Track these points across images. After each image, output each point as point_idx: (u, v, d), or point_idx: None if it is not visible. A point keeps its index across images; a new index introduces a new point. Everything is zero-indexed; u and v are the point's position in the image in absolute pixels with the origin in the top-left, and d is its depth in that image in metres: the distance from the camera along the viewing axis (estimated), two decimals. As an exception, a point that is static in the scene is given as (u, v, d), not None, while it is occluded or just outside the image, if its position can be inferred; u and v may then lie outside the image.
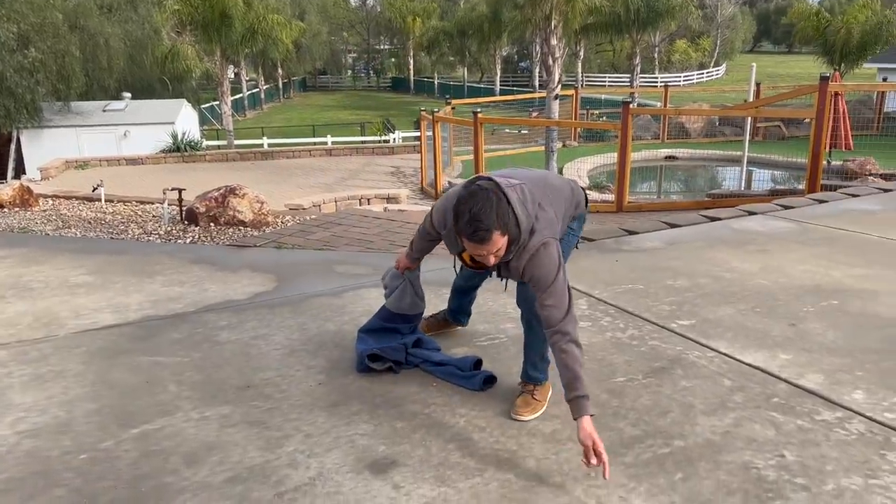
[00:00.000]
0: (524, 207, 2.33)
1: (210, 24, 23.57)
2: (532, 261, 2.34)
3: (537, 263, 2.34)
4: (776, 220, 5.40)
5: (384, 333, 3.02)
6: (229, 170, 16.07)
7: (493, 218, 2.19)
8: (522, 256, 2.35)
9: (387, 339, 2.99)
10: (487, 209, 2.19)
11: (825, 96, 8.16)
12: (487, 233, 2.19)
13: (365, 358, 2.91)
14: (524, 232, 2.31)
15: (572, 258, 4.43)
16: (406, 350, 2.96)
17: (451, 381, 2.81)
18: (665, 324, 3.36)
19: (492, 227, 2.19)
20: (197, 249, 5.33)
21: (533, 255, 2.34)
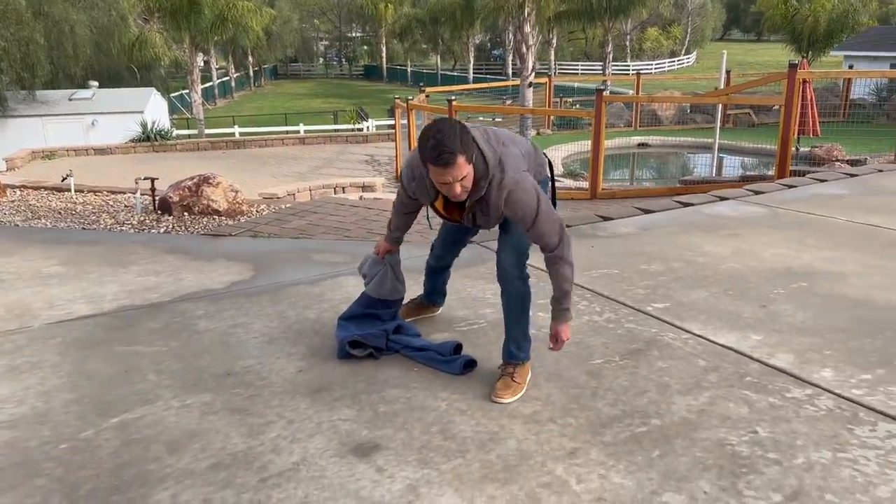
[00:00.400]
0: (488, 145, 2.43)
1: (179, 10, 23.22)
2: (511, 197, 2.41)
3: (516, 199, 2.41)
4: (747, 205, 5.50)
5: (365, 319, 3.05)
6: (201, 159, 15.88)
7: (457, 143, 2.27)
8: (501, 194, 2.41)
9: (367, 325, 3.02)
10: (451, 135, 2.28)
11: (794, 84, 8.30)
12: (451, 155, 2.27)
13: (346, 345, 2.94)
14: (492, 166, 2.39)
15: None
16: (387, 336, 2.98)
17: (432, 365, 2.84)
18: (640, 307, 3.42)
19: (455, 150, 2.27)
20: (171, 239, 5.28)
21: (511, 191, 2.40)
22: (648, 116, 19.62)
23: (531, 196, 2.41)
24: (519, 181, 2.42)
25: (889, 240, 4.49)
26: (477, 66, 52.93)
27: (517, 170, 2.44)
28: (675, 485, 2.04)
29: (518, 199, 2.41)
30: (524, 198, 2.41)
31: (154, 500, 2.06)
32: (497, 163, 2.41)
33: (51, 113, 19.86)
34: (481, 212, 2.53)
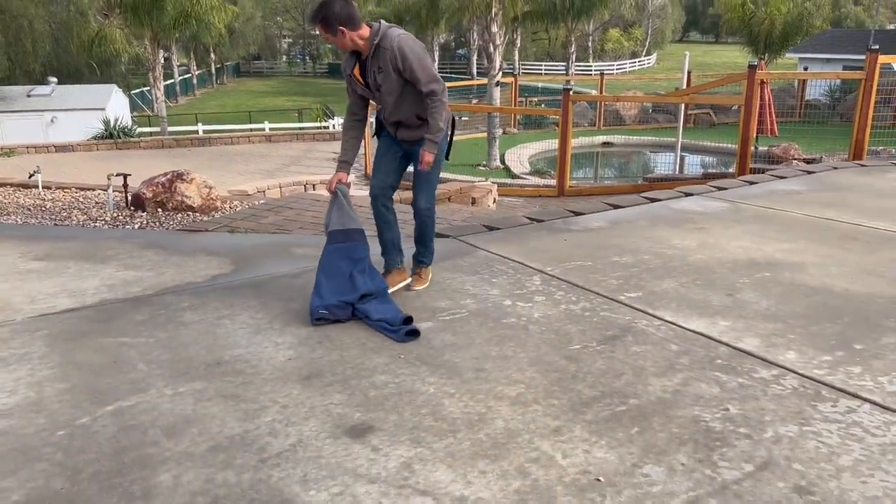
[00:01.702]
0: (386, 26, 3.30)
1: (140, 6, 22.81)
2: (400, 43, 3.23)
3: (404, 44, 3.24)
4: (711, 200, 5.71)
5: (336, 272, 3.39)
6: (166, 157, 15.70)
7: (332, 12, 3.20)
8: (392, 43, 3.24)
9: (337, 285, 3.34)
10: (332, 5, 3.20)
11: (753, 84, 8.58)
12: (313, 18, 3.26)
13: (316, 313, 3.27)
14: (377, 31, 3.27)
15: (523, 239, 4.60)
16: (352, 307, 3.31)
17: (382, 333, 3.16)
18: (614, 296, 3.57)
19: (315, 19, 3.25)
20: (147, 235, 5.29)
21: (399, 41, 3.24)
22: (612, 116, 19.98)
23: (417, 47, 3.28)
24: (404, 36, 3.27)
25: (844, 232, 4.73)
26: (441, 64, 53.02)
27: (405, 34, 3.29)
28: (655, 458, 2.18)
29: (406, 44, 3.24)
30: (411, 44, 3.26)
31: (156, 481, 2.13)
32: (385, 29, 3.28)
33: (8, 109, 19.43)
34: (379, 69, 3.32)
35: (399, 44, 3.24)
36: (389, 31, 3.29)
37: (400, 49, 3.24)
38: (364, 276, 3.40)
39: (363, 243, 3.48)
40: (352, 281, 3.35)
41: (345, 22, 3.23)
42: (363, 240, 3.49)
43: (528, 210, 9.11)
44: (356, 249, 3.45)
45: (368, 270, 3.46)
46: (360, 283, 3.36)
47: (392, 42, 3.25)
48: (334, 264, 3.40)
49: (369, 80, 3.40)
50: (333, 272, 3.37)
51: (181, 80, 45.79)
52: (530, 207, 9.57)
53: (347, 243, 3.43)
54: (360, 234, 3.49)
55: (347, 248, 3.42)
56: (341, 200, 3.47)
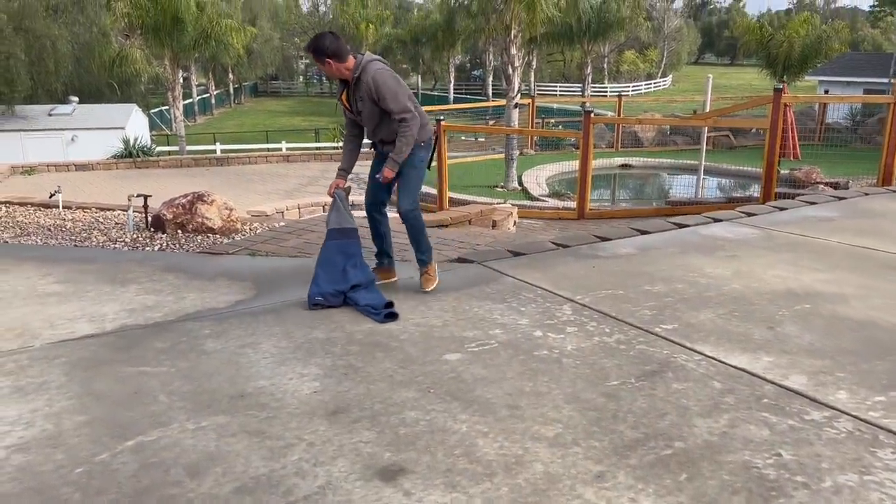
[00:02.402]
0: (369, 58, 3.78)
1: (161, 27, 23.10)
2: (376, 77, 3.70)
3: (379, 75, 3.70)
4: (741, 226, 5.57)
5: (333, 264, 3.88)
6: (185, 176, 15.77)
7: (314, 45, 3.73)
8: (368, 77, 3.71)
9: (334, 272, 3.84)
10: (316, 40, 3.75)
11: (779, 107, 8.46)
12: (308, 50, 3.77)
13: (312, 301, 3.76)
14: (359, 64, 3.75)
15: (550, 265, 4.49)
16: (344, 295, 3.78)
17: (367, 315, 3.63)
18: (649, 328, 3.44)
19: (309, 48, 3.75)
20: (167, 257, 5.22)
21: (374, 73, 3.70)
22: (630, 138, 19.87)
23: (392, 80, 3.73)
24: (380, 70, 3.73)
25: (884, 262, 4.58)
26: (457, 85, 53.32)
27: (381, 68, 3.74)
28: (706, 508, 2.05)
29: (380, 78, 3.70)
30: (386, 79, 3.71)
31: (179, 525, 2.02)
32: (367, 62, 3.75)
33: (30, 128, 19.63)
34: (359, 97, 3.81)
35: (374, 77, 3.72)
36: (369, 64, 3.77)
37: (375, 82, 3.73)
38: (355, 270, 3.89)
39: (356, 241, 3.99)
40: (344, 273, 3.84)
41: (332, 55, 3.74)
42: (356, 238, 4.00)
43: (548, 233, 9.00)
44: (350, 246, 3.96)
45: (360, 265, 3.94)
46: (352, 275, 3.84)
47: (368, 76, 3.73)
48: (331, 258, 3.90)
49: (353, 106, 3.93)
50: (329, 265, 3.88)
51: (199, 99, 46.32)
52: (551, 230, 9.46)
53: (342, 240, 3.94)
54: (354, 232, 4.01)
55: (342, 245, 3.93)
56: (339, 203, 4.00)
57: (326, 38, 3.76)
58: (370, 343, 3.33)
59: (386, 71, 3.77)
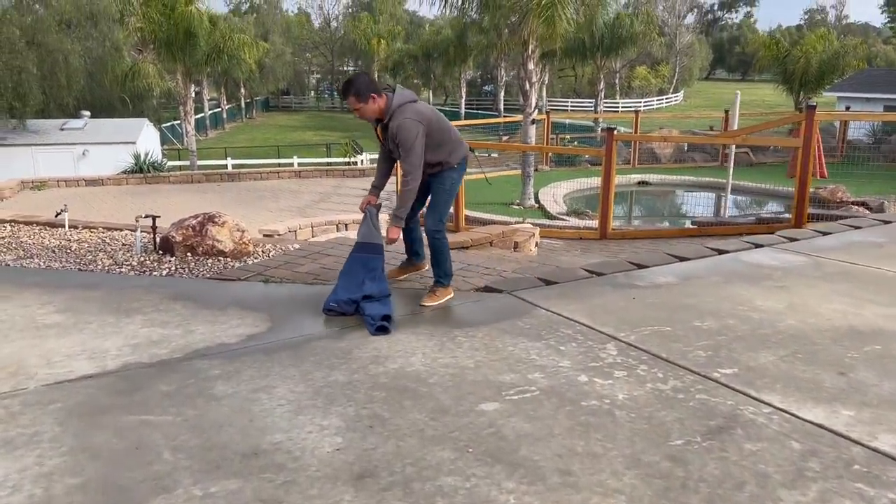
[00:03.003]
0: (400, 98, 3.86)
1: (174, 42, 23.04)
2: (398, 129, 3.81)
3: (401, 131, 3.81)
4: (785, 252, 5.23)
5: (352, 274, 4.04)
6: (195, 192, 15.54)
7: (352, 88, 3.83)
8: (394, 122, 3.83)
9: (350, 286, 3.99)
10: (352, 82, 3.86)
11: (812, 125, 8.12)
12: (344, 93, 3.87)
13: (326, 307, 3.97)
14: (392, 108, 3.84)
15: (585, 295, 4.16)
16: (357, 304, 3.91)
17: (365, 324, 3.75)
18: (706, 373, 3.10)
19: (348, 91, 3.84)
20: (176, 283, 4.93)
21: (399, 125, 3.80)
22: (647, 154, 19.54)
23: (411, 135, 3.79)
24: (405, 122, 3.80)
25: (948, 295, 4.22)
26: (468, 101, 53.17)
27: (412, 118, 3.80)
28: None
29: (402, 131, 3.80)
30: (405, 134, 3.80)
31: None
32: (398, 106, 3.82)
33: (41, 142, 19.50)
34: (388, 137, 3.95)
35: (398, 127, 3.84)
36: (399, 111, 3.86)
37: (397, 132, 3.85)
38: (372, 283, 3.99)
39: (380, 256, 4.12)
40: (362, 285, 3.97)
41: (365, 96, 3.84)
42: (380, 254, 4.13)
43: (571, 254, 8.67)
44: (372, 260, 4.08)
45: (378, 278, 4.04)
46: (367, 286, 3.97)
47: (395, 123, 3.86)
48: (352, 269, 4.04)
49: (386, 143, 4.07)
50: (350, 275, 4.03)
51: (211, 113, 46.35)
52: (573, 251, 9.13)
53: (366, 255, 4.07)
54: (380, 248, 4.14)
55: (365, 259, 4.06)
56: (369, 219, 4.18)
57: (360, 79, 3.89)
58: (396, 388, 3.01)
59: (413, 124, 3.83)
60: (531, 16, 10.96)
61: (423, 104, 4.02)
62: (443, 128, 4.03)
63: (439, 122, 4.02)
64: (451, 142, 4.09)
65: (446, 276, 4.21)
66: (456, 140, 4.13)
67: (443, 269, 4.19)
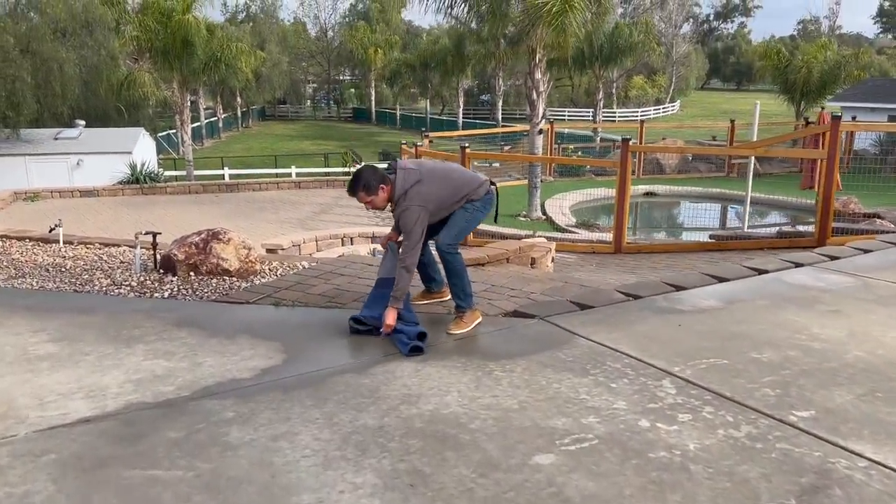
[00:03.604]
0: (403, 183, 3.81)
1: (171, 50, 22.74)
2: (402, 214, 3.82)
3: (404, 216, 3.81)
4: (829, 273, 4.91)
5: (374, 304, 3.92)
6: (193, 203, 15.19)
7: (359, 184, 3.80)
8: (399, 209, 3.83)
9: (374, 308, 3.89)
10: (357, 179, 3.82)
11: (837, 136, 7.84)
12: (352, 191, 3.83)
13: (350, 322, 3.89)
14: (397, 195, 3.81)
15: (625, 321, 3.82)
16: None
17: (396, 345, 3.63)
18: (781, 415, 2.77)
19: (355, 189, 3.81)
20: (179, 307, 4.58)
21: (403, 210, 3.81)
22: (651, 165, 19.28)
23: (412, 220, 3.78)
24: (408, 208, 3.79)
25: None
26: (465, 110, 52.95)
27: (414, 203, 3.78)
28: None
29: (405, 216, 3.80)
30: (407, 218, 3.79)
31: None
32: (403, 193, 3.80)
33: (35, 152, 19.11)
34: (395, 217, 3.96)
35: (401, 214, 3.83)
36: (403, 196, 3.81)
37: (401, 217, 3.85)
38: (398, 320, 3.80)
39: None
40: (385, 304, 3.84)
41: (372, 190, 3.80)
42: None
43: (587, 270, 8.36)
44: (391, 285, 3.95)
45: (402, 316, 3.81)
46: None
47: (398, 211, 3.87)
48: (378, 301, 3.92)
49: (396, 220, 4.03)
50: (374, 303, 3.94)
51: (207, 123, 45.99)
52: (587, 266, 8.81)
53: (389, 290, 3.87)
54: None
55: (388, 295, 3.85)
56: (390, 253, 4.09)
57: (366, 174, 3.84)
58: (434, 435, 2.67)
59: (414, 210, 3.79)
60: (541, 24, 10.69)
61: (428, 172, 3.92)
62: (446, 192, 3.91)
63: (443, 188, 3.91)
64: (464, 188, 3.97)
65: (467, 297, 3.98)
66: (472, 185, 4.00)
67: (460, 288, 3.97)
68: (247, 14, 62.30)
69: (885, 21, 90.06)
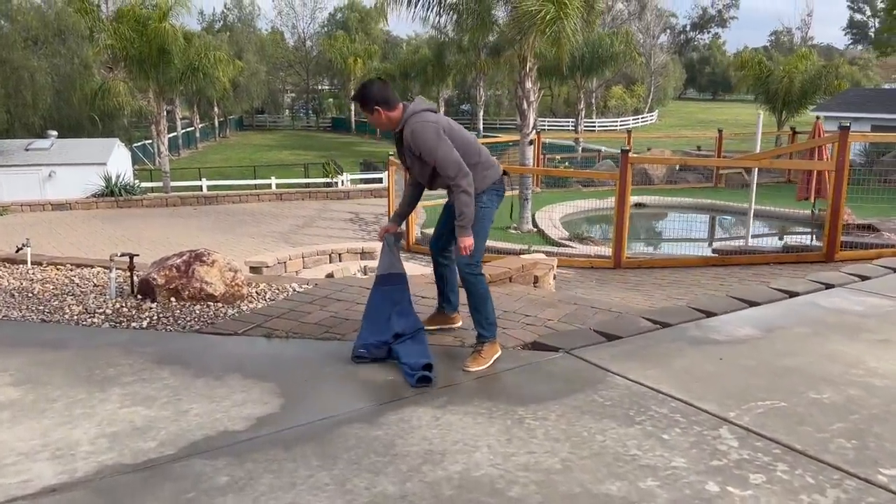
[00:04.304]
0: (415, 107, 3.39)
1: (147, 59, 22.17)
2: (413, 133, 3.31)
3: (416, 133, 3.30)
4: (865, 295, 4.58)
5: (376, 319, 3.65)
6: (171, 216, 14.65)
7: (363, 93, 3.40)
8: (408, 131, 3.33)
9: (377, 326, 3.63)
10: (364, 88, 3.42)
11: (846, 147, 7.58)
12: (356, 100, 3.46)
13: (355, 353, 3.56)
14: (405, 116, 3.37)
15: (660, 354, 3.45)
16: (389, 347, 3.55)
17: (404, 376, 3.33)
18: (867, 474, 2.40)
19: (357, 97, 3.44)
20: (160, 339, 4.12)
21: (413, 128, 3.31)
22: (639, 175, 19.04)
23: (430, 138, 3.29)
24: (419, 123, 3.32)
25: None
26: (446, 120, 52.58)
27: (424, 117, 3.34)
28: None
29: (418, 134, 3.30)
30: (424, 134, 3.29)
31: None
32: (410, 114, 3.36)
33: (5, 164, 18.42)
34: (402, 152, 3.48)
35: (413, 132, 3.35)
36: (412, 117, 3.39)
37: (412, 137, 3.35)
38: (400, 318, 3.68)
39: (404, 286, 3.78)
40: (389, 322, 3.64)
41: (380, 102, 3.40)
42: (404, 283, 3.79)
43: (587, 286, 8.00)
44: (396, 292, 3.75)
45: (405, 312, 3.73)
46: (396, 323, 3.64)
47: (407, 130, 3.38)
48: (377, 307, 3.69)
49: (404, 162, 3.61)
50: (375, 315, 3.68)
51: (184, 133, 45.24)
52: (587, 282, 8.46)
53: (389, 286, 3.73)
54: (402, 277, 3.79)
55: (389, 291, 3.73)
56: (388, 248, 3.80)
57: (374, 84, 3.46)
58: (469, 504, 2.26)
59: (427, 124, 3.34)
60: (533, 31, 10.36)
61: (444, 117, 3.52)
62: (463, 144, 3.43)
63: (461, 137, 3.46)
64: (481, 160, 3.52)
65: (490, 326, 3.53)
66: (485, 162, 3.55)
67: (484, 315, 3.53)
68: (224, 23, 61.66)
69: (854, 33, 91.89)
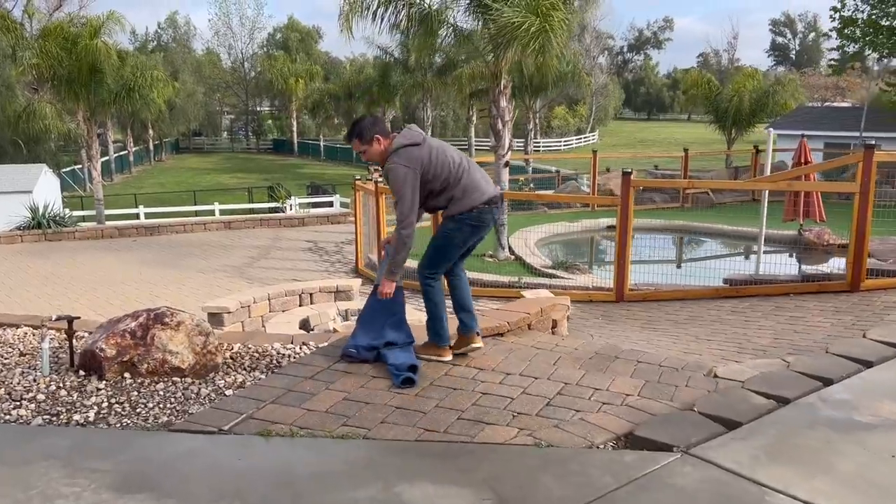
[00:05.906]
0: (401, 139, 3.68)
1: (76, 79, 20.53)
2: (388, 171, 3.70)
3: (390, 175, 3.68)
4: None
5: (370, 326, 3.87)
6: (107, 250, 13.20)
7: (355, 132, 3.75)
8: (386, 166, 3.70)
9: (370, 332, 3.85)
10: (356, 126, 3.77)
11: (871, 166, 6.96)
12: (349, 137, 3.82)
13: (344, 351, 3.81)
14: (389, 152, 3.68)
15: (811, 450, 2.56)
16: (377, 351, 3.80)
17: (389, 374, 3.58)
18: None
19: (352, 135, 3.78)
20: (117, 444, 3.01)
21: (388, 168, 3.69)
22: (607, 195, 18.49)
23: (398, 180, 3.62)
24: (394, 166, 3.63)
25: None
26: (393, 141, 51.76)
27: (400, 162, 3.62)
28: None
29: (390, 175, 3.66)
30: (393, 178, 3.64)
31: None
32: (393, 151, 3.66)
33: (-86, 194, 16.55)
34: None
35: (387, 172, 3.68)
36: (392, 155, 3.65)
37: (386, 177, 3.72)
38: (393, 330, 3.87)
39: (400, 299, 3.91)
40: (382, 331, 3.85)
41: (380, 132, 3.70)
42: (400, 295, 3.89)
43: (598, 326, 7.13)
44: (393, 304, 3.88)
45: (398, 325, 3.88)
46: (388, 334, 3.85)
47: (386, 167, 3.70)
48: (373, 315, 3.89)
49: None
50: (371, 323, 3.88)
51: (116, 157, 43.04)
52: (592, 318, 7.60)
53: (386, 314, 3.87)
54: (399, 291, 3.86)
55: (386, 302, 3.83)
56: (388, 258, 3.82)
57: (366, 119, 3.80)
58: None
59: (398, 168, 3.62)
60: (515, 45, 9.57)
61: (429, 146, 3.70)
62: (441, 174, 3.66)
63: (438, 167, 3.66)
64: (454, 188, 3.68)
65: (436, 337, 3.91)
66: (464, 188, 3.69)
67: (432, 328, 3.90)
68: (158, 43, 59.51)
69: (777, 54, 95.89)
